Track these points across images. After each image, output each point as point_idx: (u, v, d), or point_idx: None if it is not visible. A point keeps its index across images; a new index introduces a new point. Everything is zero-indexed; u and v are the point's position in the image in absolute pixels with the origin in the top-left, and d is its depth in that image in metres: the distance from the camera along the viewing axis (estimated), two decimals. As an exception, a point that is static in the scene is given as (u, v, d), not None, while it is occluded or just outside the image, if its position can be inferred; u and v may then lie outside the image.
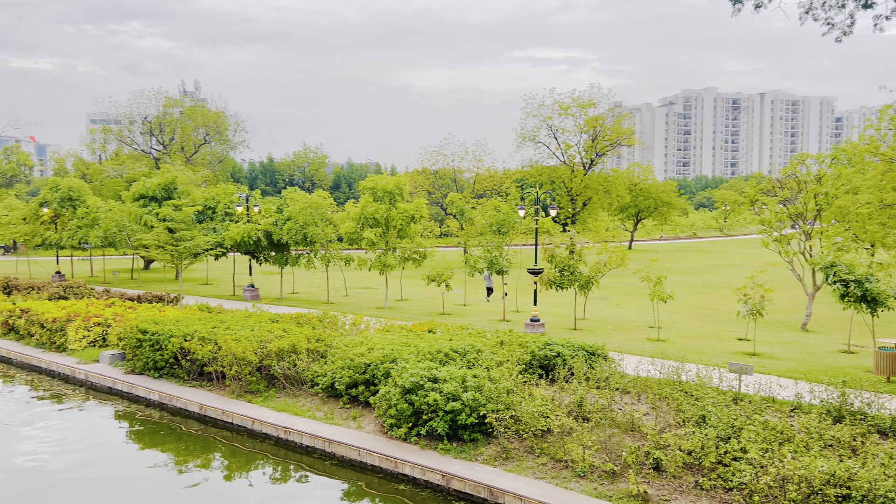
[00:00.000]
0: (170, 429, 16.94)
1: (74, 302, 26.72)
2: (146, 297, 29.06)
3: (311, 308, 30.00)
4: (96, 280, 45.42)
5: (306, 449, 15.01)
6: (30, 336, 24.70)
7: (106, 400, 19.41)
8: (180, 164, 62.38)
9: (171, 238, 32.97)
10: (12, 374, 22.48)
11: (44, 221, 45.80)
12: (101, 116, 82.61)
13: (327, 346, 18.08)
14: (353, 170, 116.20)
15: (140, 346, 19.90)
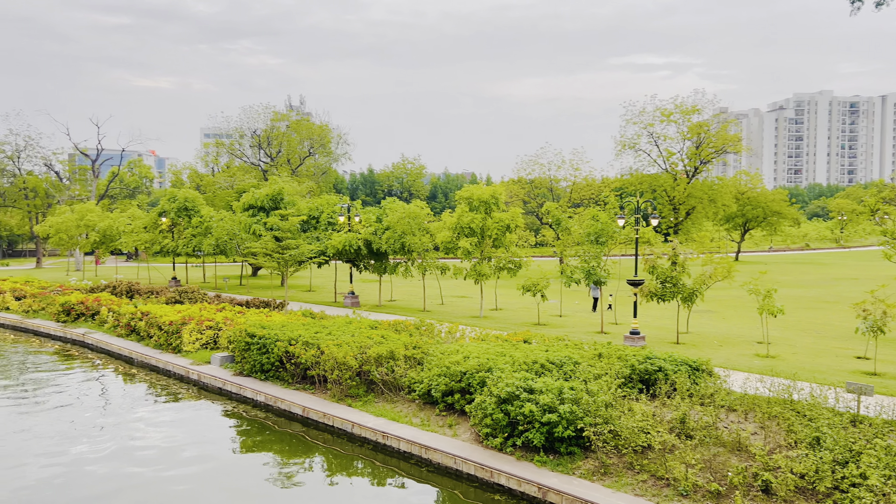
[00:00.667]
0: (274, 429, 17.65)
1: (189, 306, 28.36)
2: (254, 302, 30.44)
3: (408, 315, 30.50)
4: (208, 286, 48.00)
5: (403, 454, 15.25)
6: (149, 337, 26.40)
7: (216, 400, 20.47)
8: (286, 175, 65.11)
9: (278, 246, 34.46)
10: (134, 373, 24.10)
11: (162, 230, 48.91)
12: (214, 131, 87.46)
13: (424, 354, 18.33)
14: (450, 180, 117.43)
15: (248, 349, 20.87)
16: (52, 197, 77.17)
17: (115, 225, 52.33)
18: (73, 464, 15.23)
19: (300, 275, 54.81)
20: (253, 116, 76.26)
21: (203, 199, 52.14)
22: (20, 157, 75.74)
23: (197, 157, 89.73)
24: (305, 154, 79.04)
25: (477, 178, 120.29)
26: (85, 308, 31.17)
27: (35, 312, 34.17)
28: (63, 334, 30.33)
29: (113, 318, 29.12)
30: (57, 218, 57.14)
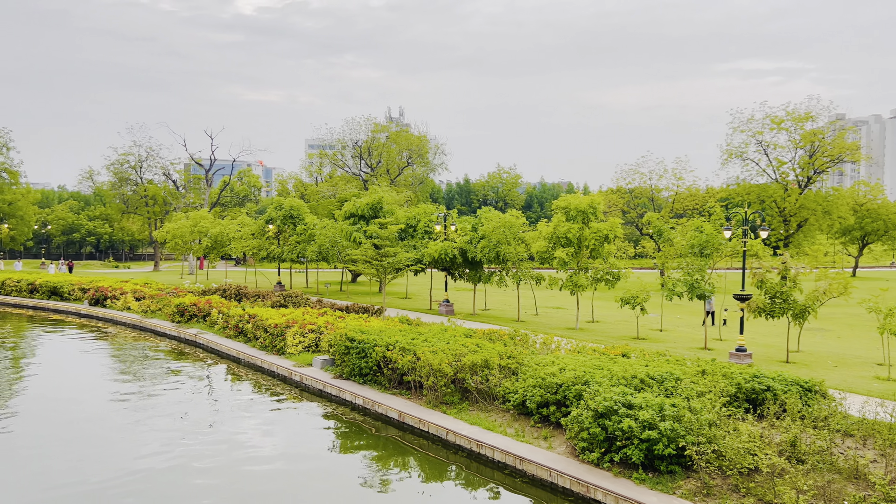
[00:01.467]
0: (371, 433, 18.04)
1: (292, 310, 29.46)
2: (353, 307, 31.27)
3: (502, 325, 30.45)
4: (310, 291, 49.74)
5: (497, 464, 15.22)
6: (255, 339, 27.62)
7: (316, 401, 21.14)
8: (386, 185, 66.60)
9: (377, 254, 35.28)
10: (241, 373, 25.29)
11: (269, 237, 51.14)
12: (318, 142, 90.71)
13: (518, 364, 18.24)
14: (545, 189, 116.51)
15: (348, 353, 21.46)
16: (169, 204, 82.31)
17: (225, 231, 55.24)
18: (182, 456, 16.12)
19: (397, 282, 55.86)
20: (354, 128, 78.64)
21: (307, 208, 54.14)
22: (142, 167, 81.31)
23: (302, 167, 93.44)
24: (404, 164, 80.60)
25: (574, 188, 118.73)
26: (197, 310, 33.01)
27: (153, 313, 36.50)
28: (177, 334, 32.23)
29: (222, 319, 30.68)
30: (173, 224, 60.94)
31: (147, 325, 35.01)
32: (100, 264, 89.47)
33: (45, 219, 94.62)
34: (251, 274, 63.44)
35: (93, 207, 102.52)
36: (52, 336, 34.52)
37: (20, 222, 71.42)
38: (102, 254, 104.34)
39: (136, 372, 25.89)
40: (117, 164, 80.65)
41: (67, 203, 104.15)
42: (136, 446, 16.75)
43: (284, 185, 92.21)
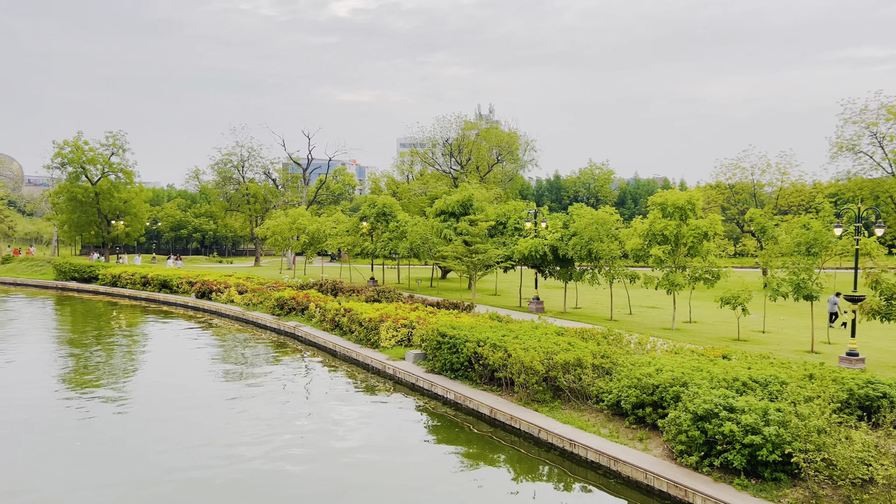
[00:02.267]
0: (462, 427, 18.18)
1: (385, 305, 30.09)
2: (444, 303, 31.57)
3: (594, 324, 29.94)
4: (402, 286, 50.59)
5: (591, 464, 15.01)
6: (350, 332, 28.38)
7: (409, 394, 21.51)
8: (475, 182, 66.81)
9: (467, 250, 35.48)
10: (336, 365, 26.06)
11: (362, 233, 52.37)
12: (409, 140, 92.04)
13: (612, 364, 17.91)
14: (640, 185, 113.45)
15: (439, 347, 21.71)
16: (269, 202, 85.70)
17: (321, 228, 57.01)
18: (281, 445, 16.78)
19: (486, 279, 55.97)
20: (445, 126, 79.30)
21: (399, 205, 55.05)
22: (244, 166, 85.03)
23: (394, 165, 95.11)
24: (493, 161, 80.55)
25: (670, 183, 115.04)
26: (296, 303, 34.25)
27: (254, 306, 38.15)
28: (277, 326, 33.55)
29: (319, 313, 31.70)
30: (273, 221, 63.45)
31: (249, 317, 36.63)
32: (205, 259, 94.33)
33: (156, 216, 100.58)
34: (346, 270, 65.16)
35: (199, 205, 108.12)
36: (162, 326, 36.72)
37: (134, 219, 76.30)
38: (207, 249, 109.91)
39: (238, 362, 27.16)
40: (221, 163, 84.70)
41: (176, 201, 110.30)
42: (238, 433, 17.58)
43: (377, 183, 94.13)
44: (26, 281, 59.39)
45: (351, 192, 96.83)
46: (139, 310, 43.29)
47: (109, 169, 73.56)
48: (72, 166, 71.92)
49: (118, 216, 74.99)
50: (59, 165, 72.52)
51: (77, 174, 72.22)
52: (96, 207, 72.68)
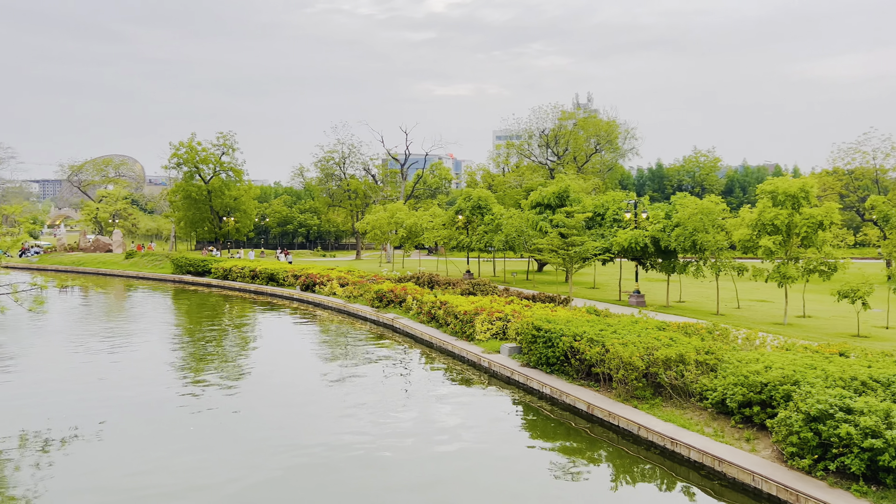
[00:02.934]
0: (559, 422, 17.94)
1: (480, 298, 30.12)
2: (539, 297, 31.26)
3: (699, 318, 28.77)
4: (497, 279, 50.54)
5: (693, 464, 14.43)
6: (446, 325, 28.62)
7: (504, 388, 21.45)
8: (572, 173, 65.74)
9: (563, 243, 34.97)
10: (433, 357, 26.36)
11: (458, 227, 52.70)
12: (505, 133, 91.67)
13: (717, 360, 17.13)
14: (748, 173, 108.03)
15: (534, 341, 21.51)
16: (368, 197, 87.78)
17: (419, 222, 57.83)
18: (381, 435, 17.13)
19: (584, 272, 54.97)
20: (541, 117, 78.45)
21: (494, 198, 55.00)
22: (345, 163, 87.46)
23: (489, 158, 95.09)
24: (591, 151, 78.95)
25: (781, 170, 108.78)
26: (394, 296, 34.91)
27: (355, 298, 39.19)
28: (376, 318, 34.33)
29: (416, 305, 32.16)
30: (372, 216, 64.93)
31: (350, 309, 37.67)
32: (309, 253, 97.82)
33: (264, 212, 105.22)
34: (442, 263, 65.80)
35: (303, 201, 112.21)
36: (270, 317, 38.38)
37: (244, 216, 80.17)
38: (312, 244, 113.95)
39: (340, 353, 27.99)
40: (323, 161, 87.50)
41: (282, 198, 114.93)
42: (341, 422, 18.10)
43: (473, 176, 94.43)
44: (147, 274, 63.65)
45: (447, 186, 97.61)
46: (248, 302, 45.45)
47: (220, 168, 77.53)
48: (186, 166, 76.32)
49: (229, 213, 78.98)
50: (175, 166, 77.15)
51: (191, 173, 76.57)
52: (209, 205, 76.84)
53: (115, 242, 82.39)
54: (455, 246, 53.67)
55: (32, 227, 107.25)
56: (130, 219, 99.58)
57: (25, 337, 30.54)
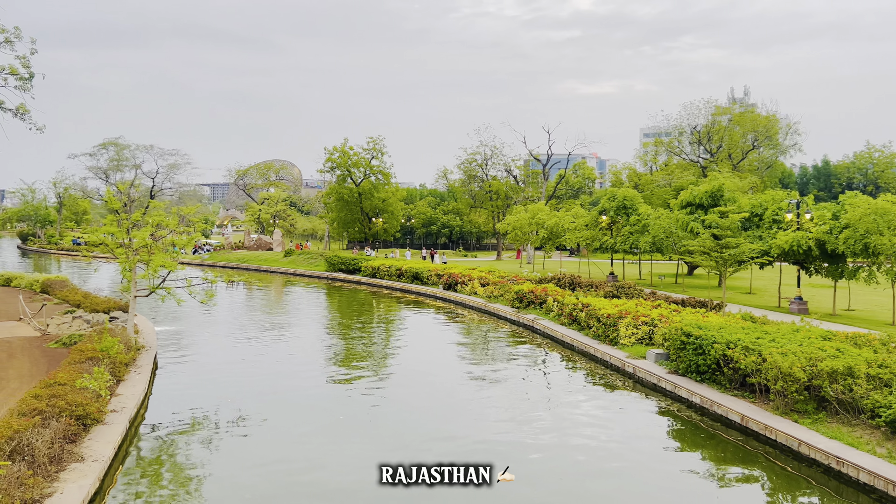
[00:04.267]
0: (709, 434, 17.05)
1: (625, 301, 29.25)
2: (689, 301, 29.86)
3: (871, 329, 26.19)
4: (643, 283, 48.83)
5: (862, 486, 13.18)
6: (588, 328, 28.08)
7: (650, 395, 20.70)
8: (727, 171, 62.23)
9: (716, 245, 33.16)
10: (575, 360, 25.97)
11: (602, 227, 51.49)
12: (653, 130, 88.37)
13: (893, 374, 15.52)
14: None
15: (683, 348, 20.57)
16: (509, 198, 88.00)
17: (560, 223, 57.15)
18: (522, 438, 17.12)
19: (739, 276, 51.73)
20: (693, 113, 74.87)
21: (640, 198, 53.19)
22: (487, 164, 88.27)
23: (636, 156, 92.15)
24: (748, 148, 74.30)
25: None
26: (534, 297, 34.76)
27: (495, 298, 39.46)
28: (516, 318, 34.35)
29: (557, 307, 31.82)
30: (513, 217, 65.01)
31: (490, 309, 37.98)
32: (451, 253, 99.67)
33: (409, 213, 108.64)
34: (584, 264, 64.59)
35: (446, 203, 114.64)
36: (414, 314, 39.57)
37: (391, 217, 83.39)
38: (454, 244, 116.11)
39: (481, 352, 28.31)
40: (466, 163, 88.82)
41: (426, 199, 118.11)
42: (481, 422, 18.31)
43: (618, 175, 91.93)
44: (303, 272, 67.73)
45: (590, 186, 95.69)
46: (394, 299, 47.12)
47: (370, 171, 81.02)
48: (339, 170, 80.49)
49: (377, 214, 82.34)
50: (329, 169, 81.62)
51: (344, 177, 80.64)
52: (359, 206, 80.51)
53: (276, 241, 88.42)
54: (598, 247, 52.48)
55: (204, 226, 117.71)
56: (289, 219, 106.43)
57: (197, 327, 33.58)
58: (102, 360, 19.40)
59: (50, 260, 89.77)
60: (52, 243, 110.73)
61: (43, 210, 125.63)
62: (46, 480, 11.97)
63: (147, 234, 24.47)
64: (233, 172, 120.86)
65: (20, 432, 12.59)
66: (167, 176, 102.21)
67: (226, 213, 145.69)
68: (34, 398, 14.91)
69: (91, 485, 12.42)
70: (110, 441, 14.64)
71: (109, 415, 16.28)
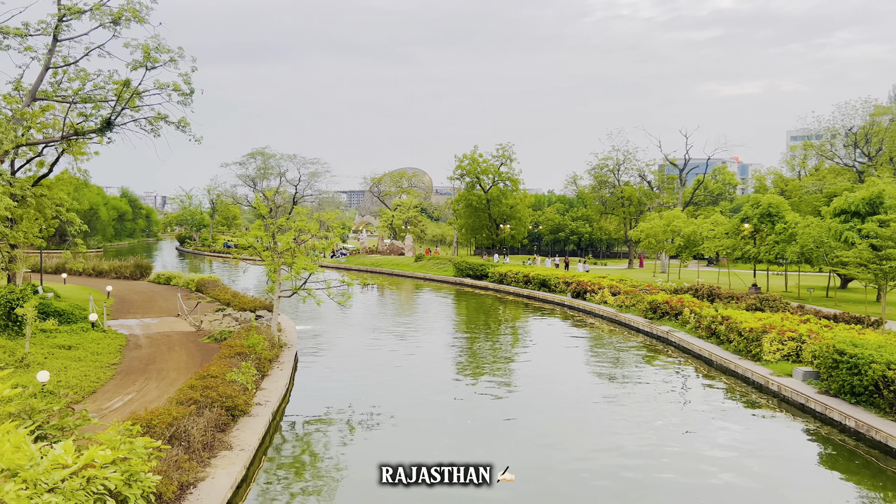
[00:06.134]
0: (864, 461, 15.64)
1: (769, 314, 27.47)
2: (842, 317, 27.59)
3: None
4: (790, 295, 45.64)
5: None
6: (728, 342, 26.61)
7: (796, 416, 19.29)
8: (888, 176, 57.01)
9: (875, 256, 30.44)
10: (712, 375, 24.68)
11: (743, 236, 48.66)
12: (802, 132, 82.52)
13: None
14: None
15: (836, 367, 19.01)
16: (643, 204, 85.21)
17: (698, 231, 54.58)
18: (654, 455, 16.49)
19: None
20: (848, 113, 69.08)
21: (787, 205, 49.75)
22: (619, 170, 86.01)
23: (782, 161, 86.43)
24: (915, 150, 67.44)
25: None
26: (669, 307, 33.42)
27: (626, 308, 38.31)
28: (649, 330, 33.17)
29: (694, 319, 30.41)
30: (647, 224, 62.84)
31: (621, 319, 36.93)
32: (579, 261, 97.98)
33: (537, 220, 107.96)
34: (723, 275, 61.24)
35: (575, 209, 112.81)
36: (542, 321, 39.23)
37: (518, 223, 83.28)
38: (583, 251, 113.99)
39: (611, 363, 27.59)
40: (597, 168, 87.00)
41: (555, 206, 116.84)
42: (612, 437, 17.83)
43: (762, 181, 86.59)
44: (432, 276, 69.10)
45: (731, 192, 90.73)
46: (521, 305, 46.97)
47: (499, 178, 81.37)
48: (469, 177, 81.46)
49: (505, 220, 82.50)
50: (458, 177, 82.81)
51: (473, 183, 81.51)
52: (487, 213, 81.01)
53: (407, 247, 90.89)
54: (739, 257, 49.60)
55: (342, 231, 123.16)
56: (419, 225, 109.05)
57: (334, 327, 35.15)
58: (249, 356, 20.78)
59: (203, 261, 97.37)
60: (206, 246, 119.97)
61: (198, 215, 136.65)
62: (200, 465, 12.97)
63: (290, 239, 25.94)
64: (368, 180, 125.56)
65: (178, 419, 13.73)
66: (308, 183, 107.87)
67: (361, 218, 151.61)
68: (190, 388, 16.22)
69: (238, 472, 13.32)
70: (255, 432, 15.64)
71: (255, 407, 17.40)
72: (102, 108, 30.30)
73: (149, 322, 31.62)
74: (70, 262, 53.77)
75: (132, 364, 22.59)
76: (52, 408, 11.51)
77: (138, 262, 57.17)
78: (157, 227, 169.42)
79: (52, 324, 26.96)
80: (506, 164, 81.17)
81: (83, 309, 30.34)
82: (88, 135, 30.27)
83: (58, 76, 30.22)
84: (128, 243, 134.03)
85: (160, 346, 25.68)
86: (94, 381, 19.76)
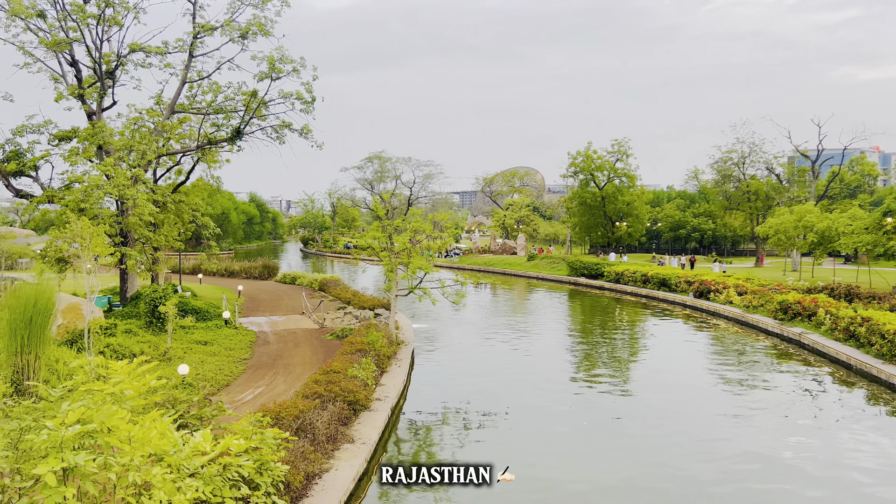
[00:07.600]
0: None
1: (919, 316, 25.14)
2: None
3: None
4: (943, 295, 41.53)
5: None
6: (869, 345, 24.64)
7: (952, 428, 17.57)
8: None
9: None
10: (852, 381, 22.92)
11: (886, 231, 44.89)
12: (956, 116, 74.69)
13: None
14: None
15: None
16: (771, 199, 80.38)
17: (833, 226, 50.81)
18: (784, 468, 15.56)
19: None
20: None
21: (939, 196, 45.36)
22: (745, 163, 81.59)
23: (932, 148, 78.89)
24: None
25: None
26: (801, 308, 31.36)
27: (754, 308, 36.30)
28: (779, 331, 31.26)
29: (830, 320, 28.38)
30: (776, 219, 59.18)
31: (748, 320, 35.04)
32: (702, 259, 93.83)
33: (656, 217, 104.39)
34: (863, 273, 56.64)
35: (697, 205, 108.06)
36: (662, 323, 37.92)
37: (636, 220, 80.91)
38: (706, 249, 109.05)
39: (737, 366, 26.24)
40: (720, 162, 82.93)
41: (675, 202, 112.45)
42: (738, 446, 16.97)
43: (908, 170, 79.31)
44: (545, 276, 68.46)
45: (871, 184, 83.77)
46: (640, 305, 45.60)
47: (614, 174, 79.43)
48: (583, 174, 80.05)
49: (621, 218, 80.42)
50: (572, 174, 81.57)
51: (587, 181, 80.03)
52: (602, 210, 79.30)
53: (519, 246, 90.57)
54: (881, 254, 45.84)
55: (455, 231, 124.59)
56: (532, 224, 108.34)
57: (448, 325, 35.62)
58: (369, 353, 21.48)
59: (325, 261, 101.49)
60: (328, 247, 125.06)
61: (320, 217, 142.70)
62: (324, 457, 13.55)
63: (406, 239, 26.56)
64: (480, 180, 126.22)
65: (304, 412, 14.40)
66: (422, 185, 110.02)
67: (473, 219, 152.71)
68: (315, 383, 16.98)
69: (360, 465, 13.80)
70: (375, 426, 16.14)
71: (374, 402, 17.95)
72: (232, 118, 32.35)
73: (276, 319, 33.37)
74: (205, 263, 57.65)
75: (261, 359, 23.93)
76: (192, 399, 12.41)
77: (266, 262, 60.48)
78: (283, 229, 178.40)
79: (190, 321, 29.06)
80: (622, 159, 79.10)
81: (217, 307, 32.49)
82: (220, 144, 32.40)
83: (193, 90, 32.57)
84: (256, 245, 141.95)
85: (286, 343, 27.04)
86: (227, 375, 21.11)
